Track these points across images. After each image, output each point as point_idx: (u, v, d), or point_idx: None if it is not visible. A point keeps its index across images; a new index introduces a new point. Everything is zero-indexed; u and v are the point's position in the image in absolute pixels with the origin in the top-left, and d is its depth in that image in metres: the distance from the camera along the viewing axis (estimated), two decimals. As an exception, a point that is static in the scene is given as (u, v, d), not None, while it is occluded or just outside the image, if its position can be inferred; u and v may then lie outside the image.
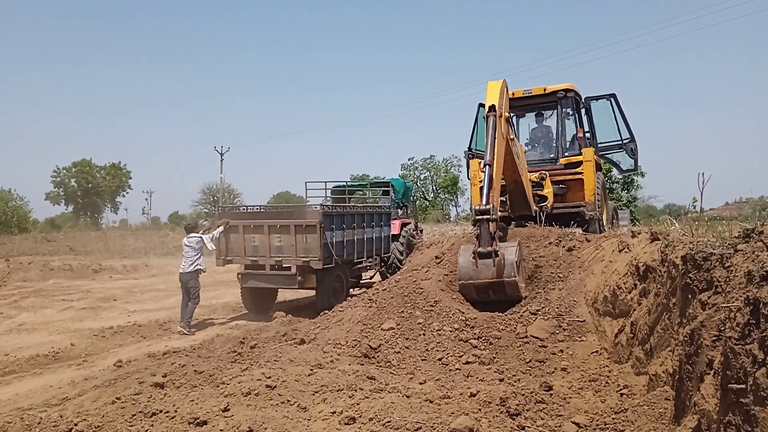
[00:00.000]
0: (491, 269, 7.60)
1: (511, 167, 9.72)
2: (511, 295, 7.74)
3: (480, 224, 7.73)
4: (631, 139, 12.17)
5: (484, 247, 7.62)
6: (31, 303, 13.86)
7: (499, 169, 8.61)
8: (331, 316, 8.04)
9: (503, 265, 7.60)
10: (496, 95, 8.66)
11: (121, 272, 21.37)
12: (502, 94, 8.81)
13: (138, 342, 9.66)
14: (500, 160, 8.60)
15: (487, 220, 7.62)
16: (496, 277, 7.61)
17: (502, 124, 8.61)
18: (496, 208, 7.84)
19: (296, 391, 4.97)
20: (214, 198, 71.41)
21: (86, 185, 78.39)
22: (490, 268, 7.60)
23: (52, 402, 6.23)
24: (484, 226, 7.68)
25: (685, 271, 4.18)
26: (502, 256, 7.61)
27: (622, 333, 5.80)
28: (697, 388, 3.58)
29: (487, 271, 7.64)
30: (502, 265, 7.61)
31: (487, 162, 8.19)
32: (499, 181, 8.72)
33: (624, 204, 33.72)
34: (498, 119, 8.48)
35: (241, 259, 11.53)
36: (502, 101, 8.79)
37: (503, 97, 8.90)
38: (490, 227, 7.65)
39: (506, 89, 9.21)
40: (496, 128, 8.42)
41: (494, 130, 8.39)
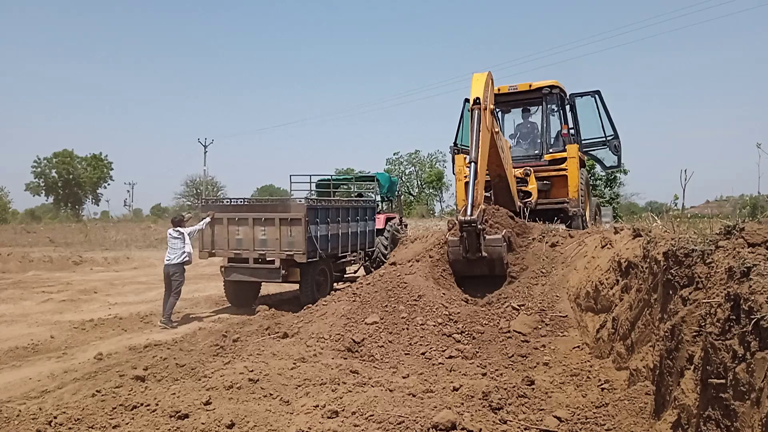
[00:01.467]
0: (483, 267, 8.29)
1: (496, 161, 9.77)
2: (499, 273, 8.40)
3: (467, 233, 8.06)
4: (614, 136, 12.28)
5: (473, 254, 8.12)
6: (10, 295, 13.67)
7: (484, 164, 8.71)
8: (315, 310, 8.02)
9: (494, 263, 8.21)
10: (480, 88, 8.71)
11: (102, 264, 21.16)
12: (487, 86, 8.87)
13: (119, 335, 9.56)
14: (485, 155, 8.71)
15: (471, 230, 8.00)
16: (488, 270, 8.33)
17: (486, 116, 8.68)
18: (482, 213, 8.14)
19: (279, 385, 4.95)
20: (197, 191, 70.91)
21: (67, 176, 77.45)
22: (482, 266, 8.27)
23: (31, 395, 6.16)
24: (471, 235, 8.05)
25: (667, 267, 4.22)
26: (491, 255, 8.11)
27: (603, 328, 5.85)
28: (678, 383, 3.62)
29: (479, 269, 8.34)
30: (492, 264, 8.22)
31: (472, 159, 8.28)
32: (484, 177, 8.84)
33: (607, 201, 34.06)
34: (483, 112, 8.54)
35: (225, 251, 11.44)
36: (487, 94, 8.86)
37: (488, 90, 8.97)
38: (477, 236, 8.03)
39: (491, 81, 9.27)
40: (480, 121, 8.49)
41: (479, 123, 8.48)
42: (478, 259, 8.17)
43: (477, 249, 8.09)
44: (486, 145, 8.74)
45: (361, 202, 14.23)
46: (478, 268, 8.34)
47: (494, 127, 9.33)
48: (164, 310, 10.31)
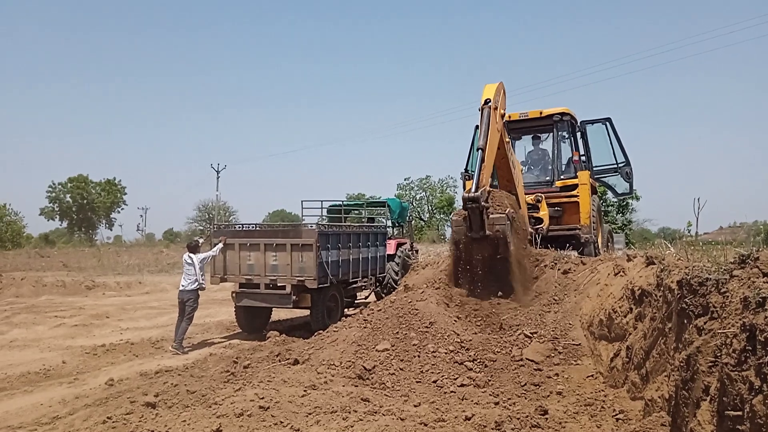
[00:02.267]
0: (486, 247, 8.18)
1: (506, 175, 9.86)
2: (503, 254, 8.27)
3: (470, 210, 7.97)
4: (626, 163, 12.28)
5: (476, 233, 7.98)
6: (23, 319, 13.75)
7: (492, 157, 8.74)
8: (326, 337, 7.99)
9: (497, 240, 8.06)
10: (491, 92, 8.92)
11: (115, 289, 21.25)
12: (498, 92, 9.08)
13: (130, 360, 9.58)
14: (493, 149, 8.77)
15: (476, 207, 7.90)
16: (492, 251, 8.22)
17: (496, 116, 8.83)
18: (485, 192, 8.04)
19: (289, 413, 4.93)
20: (210, 215, 71.26)
21: (81, 201, 78.23)
22: (486, 246, 8.16)
23: (43, 420, 6.17)
24: (475, 213, 7.94)
25: (681, 295, 4.18)
26: (494, 233, 7.99)
27: (617, 357, 5.78)
28: (694, 414, 3.57)
29: (483, 250, 8.23)
30: (497, 243, 8.07)
31: (479, 146, 8.37)
32: (491, 166, 8.85)
33: (619, 227, 33.82)
34: (492, 111, 8.67)
35: (236, 277, 11.48)
36: (498, 97, 9.03)
37: (499, 95, 9.16)
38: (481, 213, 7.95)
39: (503, 90, 9.43)
40: (490, 118, 8.61)
41: (488, 120, 8.59)
42: (482, 239, 8.06)
43: (480, 227, 7.97)
44: (495, 143, 8.82)
45: (372, 228, 14.26)
46: (482, 248, 8.22)
47: (505, 136, 9.46)
48: (176, 336, 10.31)
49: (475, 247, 8.32)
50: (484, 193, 7.99)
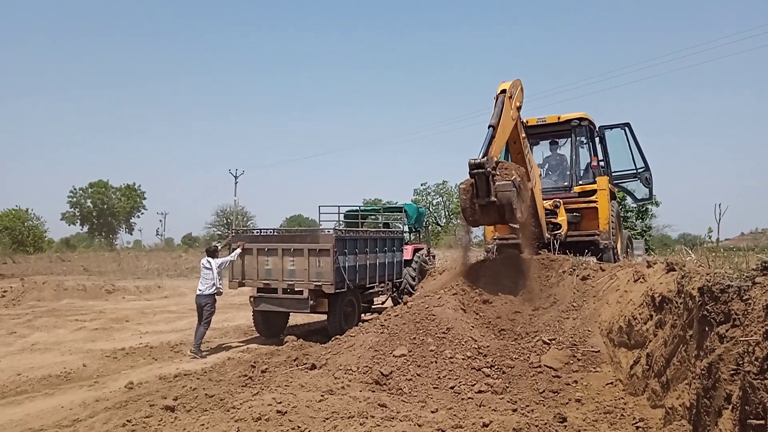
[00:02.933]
0: (493, 215, 8.25)
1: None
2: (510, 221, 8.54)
3: (476, 177, 8.05)
4: (645, 168, 12.16)
5: (482, 199, 8.08)
6: (44, 323, 13.93)
7: (503, 136, 8.85)
8: (343, 342, 8.01)
9: (503, 206, 8.06)
10: (508, 84, 9.15)
11: (134, 293, 21.45)
12: (515, 85, 9.32)
13: (149, 364, 9.67)
14: (504, 129, 8.87)
15: (482, 173, 7.98)
16: (499, 218, 8.32)
17: (510, 104, 9.03)
18: (492, 160, 8.10)
19: (307, 417, 4.94)
20: (228, 220, 71.75)
21: (102, 206, 79.29)
22: (492, 214, 8.22)
23: (63, 423, 6.24)
24: (480, 179, 8.03)
25: (702, 303, 4.14)
26: (501, 200, 8.01)
27: (637, 364, 5.72)
28: (715, 423, 3.52)
29: (490, 217, 8.39)
30: (502, 210, 8.09)
31: (491, 124, 8.54)
32: (502, 145, 8.93)
33: (638, 233, 33.46)
34: (507, 98, 8.89)
35: (254, 282, 11.55)
36: (514, 90, 9.21)
37: (516, 88, 9.36)
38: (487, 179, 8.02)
39: (521, 86, 9.59)
40: (504, 103, 8.81)
41: (502, 104, 8.80)
42: (488, 205, 8.08)
43: (487, 193, 8.02)
44: (507, 123, 8.94)
45: (388, 233, 14.26)
46: (488, 215, 8.28)
47: (521, 132, 9.59)
48: (195, 340, 10.41)
49: (482, 215, 8.36)
50: (491, 161, 8.05)
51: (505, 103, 8.87)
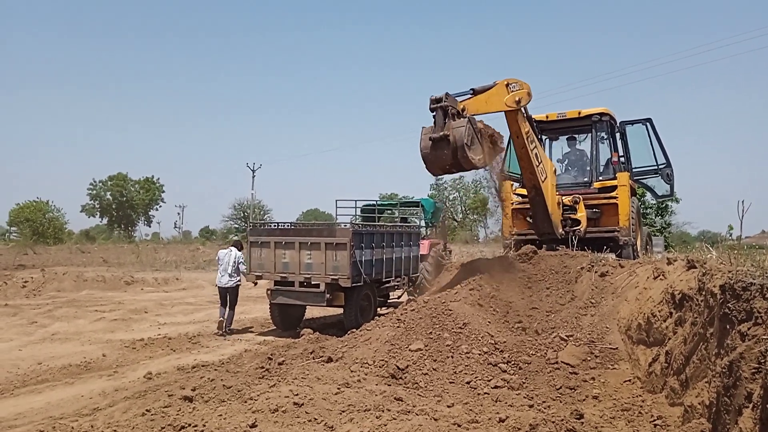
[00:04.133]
0: (446, 154, 8.27)
1: (527, 166, 10.06)
2: (470, 169, 8.70)
3: (435, 111, 8.33)
4: (666, 165, 12.02)
5: (436, 132, 8.26)
6: (64, 313, 14.13)
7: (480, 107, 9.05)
8: (359, 335, 8.01)
9: (456, 146, 8.16)
10: (514, 79, 9.62)
11: (153, 285, 21.67)
12: (520, 84, 9.72)
13: (168, 354, 9.76)
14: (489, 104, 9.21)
15: (439, 107, 8.27)
16: (452, 158, 8.28)
17: (507, 91, 9.43)
18: (453, 99, 8.44)
19: (323, 410, 4.95)
20: (245, 214, 72.14)
21: (121, 198, 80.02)
22: (446, 152, 8.26)
23: (83, 412, 6.32)
24: (438, 113, 8.30)
25: (724, 300, 4.08)
26: (454, 138, 8.14)
27: (656, 362, 5.67)
28: (735, 421, 3.48)
29: (444, 156, 8.32)
30: (455, 147, 8.16)
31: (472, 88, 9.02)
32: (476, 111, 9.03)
33: (658, 230, 33.12)
34: (503, 85, 9.38)
35: (271, 275, 11.62)
36: (517, 86, 9.64)
37: (520, 86, 9.72)
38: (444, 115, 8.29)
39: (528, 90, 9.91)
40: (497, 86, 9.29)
41: (494, 85, 9.26)
42: (441, 141, 8.19)
43: (441, 127, 8.22)
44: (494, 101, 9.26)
45: (405, 228, 14.24)
46: (443, 155, 8.31)
47: (524, 126, 9.78)
48: (225, 323, 11.61)
49: (435, 152, 8.38)
50: (451, 99, 8.38)
51: (498, 86, 9.33)
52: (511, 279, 9.11)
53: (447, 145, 8.21)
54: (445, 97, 8.28)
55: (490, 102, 9.27)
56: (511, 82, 9.54)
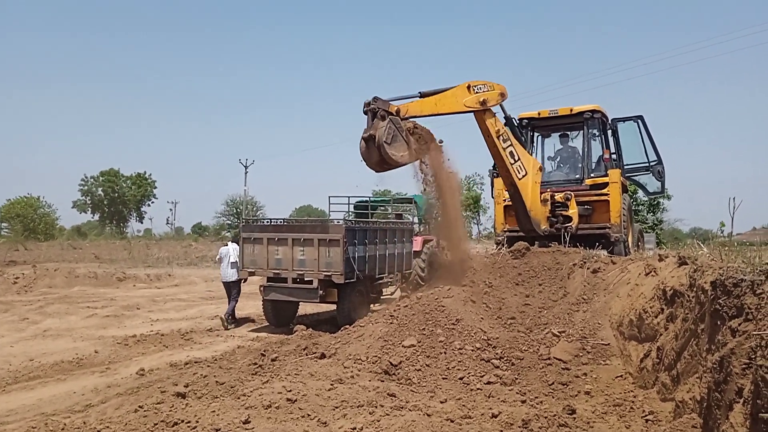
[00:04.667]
0: (374, 151, 8.95)
1: (502, 164, 10.55)
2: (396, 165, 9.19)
3: (367, 114, 9.10)
4: (658, 162, 12.08)
5: (365, 132, 9.05)
6: (56, 309, 14.06)
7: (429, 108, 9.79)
8: (352, 332, 8.02)
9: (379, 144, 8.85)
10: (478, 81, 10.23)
11: (145, 281, 21.59)
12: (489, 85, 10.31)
13: (160, 351, 9.74)
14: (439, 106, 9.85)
15: (369, 110, 9.04)
16: (378, 155, 8.92)
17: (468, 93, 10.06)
18: (383, 101, 9.16)
19: (316, 406, 4.96)
20: (238, 210, 71.97)
21: (113, 194, 79.71)
22: (374, 150, 8.96)
23: (76, 408, 6.32)
24: (369, 115, 9.08)
25: (715, 296, 4.11)
26: (378, 137, 8.83)
27: (647, 358, 5.71)
28: (726, 416, 3.51)
29: (373, 154, 9.01)
30: (379, 145, 8.84)
31: (420, 91, 9.80)
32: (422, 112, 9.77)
33: (649, 227, 33.26)
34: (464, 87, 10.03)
35: (264, 271, 11.60)
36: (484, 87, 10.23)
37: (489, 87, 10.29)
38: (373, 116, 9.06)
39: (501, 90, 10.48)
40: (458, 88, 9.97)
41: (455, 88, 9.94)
42: (370, 141, 8.89)
43: (369, 128, 8.95)
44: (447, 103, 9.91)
45: (398, 224, 14.24)
46: (372, 153, 8.98)
47: (494, 124, 10.30)
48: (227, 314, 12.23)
49: (369, 151, 9.03)
50: (381, 101, 9.07)
51: (458, 88, 9.99)
52: (504, 275, 9.15)
53: (374, 144, 8.85)
54: (373, 100, 9.01)
55: (442, 104, 9.91)
56: (475, 84, 10.11)
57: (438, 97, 9.90)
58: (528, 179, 10.67)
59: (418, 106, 9.79)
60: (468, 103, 10.13)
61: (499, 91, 10.43)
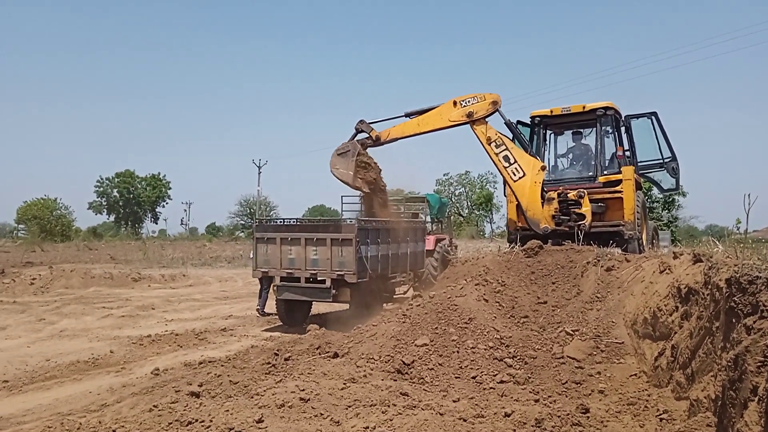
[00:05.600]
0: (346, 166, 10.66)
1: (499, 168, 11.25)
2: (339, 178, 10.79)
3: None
4: (672, 158, 11.96)
5: (342, 149, 10.71)
6: (72, 310, 14.20)
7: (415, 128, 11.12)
8: (365, 331, 8.02)
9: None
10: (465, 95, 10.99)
11: (160, 281, 21.76)
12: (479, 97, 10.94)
13: (175, 351, 9.81)
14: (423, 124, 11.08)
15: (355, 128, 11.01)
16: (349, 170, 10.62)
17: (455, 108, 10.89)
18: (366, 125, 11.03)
19: (329, 405, 4.97)
20: (251, 210, 72.30)
21: (128, 195, 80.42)
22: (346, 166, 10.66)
23: (91, 408, 6.37)
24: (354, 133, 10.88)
25: (730, 294, 4.07)
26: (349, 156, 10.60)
27: (662, 356, 5.66)
28: (741, 414, 3.48)
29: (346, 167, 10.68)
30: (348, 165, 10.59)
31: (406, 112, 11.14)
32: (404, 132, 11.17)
33: (664, 224, 33.00)
34: (450, 103, 10.93)
35: (277, 271, 11.65)
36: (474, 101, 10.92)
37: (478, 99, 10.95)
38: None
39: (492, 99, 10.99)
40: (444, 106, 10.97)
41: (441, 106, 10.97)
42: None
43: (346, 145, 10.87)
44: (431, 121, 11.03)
45: (411, 223, 14.24)
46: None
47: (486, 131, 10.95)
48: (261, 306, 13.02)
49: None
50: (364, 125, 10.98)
51: (442, 106, 10.90)
52: (517, 274, 9.11)
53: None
54: (359, 123, 10.96)
55: (425, 123, 10.92)
56: (462, 98, 10.85)
57: (421, 118, 10.85)
58: (526, 180, 10.87)
59: (400, 128, 10.85)
60: (453, 118, 10.85)
61: (491, 101, 10.90)
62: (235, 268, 29.44)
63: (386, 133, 10.76)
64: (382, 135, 10.71)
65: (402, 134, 10.92)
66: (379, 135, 10.73)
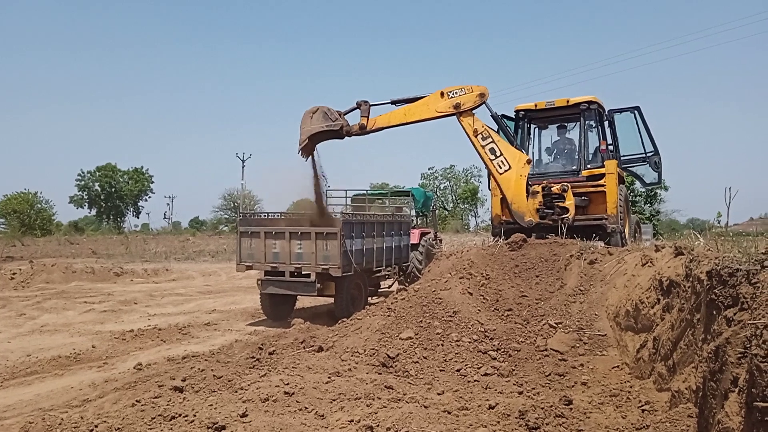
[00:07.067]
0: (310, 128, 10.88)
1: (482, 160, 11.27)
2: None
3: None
4: (655, 153, 12.06)
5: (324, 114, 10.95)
6: (53, 305, 14.05)
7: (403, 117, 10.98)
8: (350, 324, 8.03)
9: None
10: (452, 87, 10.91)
11: (142, 276, 21.58)
12: (466, 89, 10.86)
13: (158, 345, 9.74)
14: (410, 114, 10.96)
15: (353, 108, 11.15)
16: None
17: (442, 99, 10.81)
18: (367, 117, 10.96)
19: (314, 399, 4.96)
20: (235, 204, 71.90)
21: (109, 189, 79.57)
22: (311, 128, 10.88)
23: (73, 403, 6.32)
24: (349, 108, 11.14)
25: (710, 286, 4.12)
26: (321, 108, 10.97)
27: (644, 348, 5.72)
28: (721, 405, 3.52)
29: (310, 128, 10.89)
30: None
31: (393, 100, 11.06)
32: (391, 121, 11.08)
33: (647, 218, 33.32)
34: (438, 94, 10.84)
35: (261, 265, 11.60)
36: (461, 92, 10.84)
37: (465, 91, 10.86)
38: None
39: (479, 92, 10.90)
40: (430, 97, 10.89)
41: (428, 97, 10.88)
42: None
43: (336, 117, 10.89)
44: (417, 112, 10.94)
45: (396, 217, 14.25)
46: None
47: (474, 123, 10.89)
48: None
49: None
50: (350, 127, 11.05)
51: (429, 97, 10.82)
52: (501, 267, 9.15)
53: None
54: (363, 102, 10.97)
55: (411, 113, 10.88)
56: (449, 90, 10.78)
57: (407, 108, 10.83)
58: (511, 173, 10.84)
59: (386, 118, 10.81)
60: (440, 109, 10.80)
61: (478, 93, 10.83)
62: (218, 262, 29.29)
63: (372, 122, 10.72)
64: (368, 124, 10.67)
65: (388, 123, 10.87)
66: (365, 124, 10.71)
